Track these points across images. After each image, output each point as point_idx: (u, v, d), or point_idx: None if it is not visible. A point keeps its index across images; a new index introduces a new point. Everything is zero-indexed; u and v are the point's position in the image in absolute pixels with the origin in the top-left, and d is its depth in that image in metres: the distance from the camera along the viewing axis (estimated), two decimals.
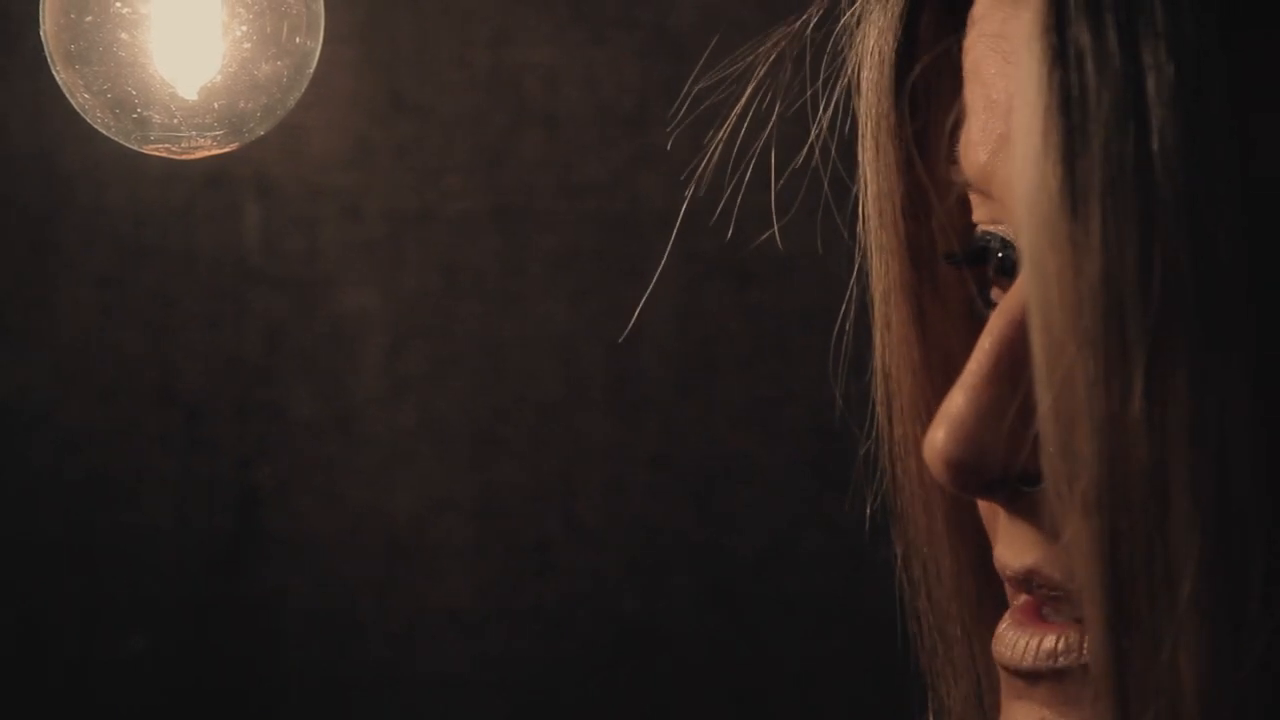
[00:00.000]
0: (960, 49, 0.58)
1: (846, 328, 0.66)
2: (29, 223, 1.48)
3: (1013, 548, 0.55)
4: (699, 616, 1.49)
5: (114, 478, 1.49)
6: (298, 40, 1.03)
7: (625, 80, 1.48)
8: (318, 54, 1.05)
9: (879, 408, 0.62)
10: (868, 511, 0.66)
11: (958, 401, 0.53)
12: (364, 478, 1.49)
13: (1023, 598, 0.56)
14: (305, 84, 1.04)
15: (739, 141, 0.65)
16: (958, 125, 0.57)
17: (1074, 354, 0.48)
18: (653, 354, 1.49)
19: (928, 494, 0.61)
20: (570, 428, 1.49)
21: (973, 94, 0.56)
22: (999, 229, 0.56)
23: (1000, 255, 0.56)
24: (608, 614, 1.49)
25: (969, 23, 0.57)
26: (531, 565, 1.50)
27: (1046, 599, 0.55)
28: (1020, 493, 0.54)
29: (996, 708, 0.61)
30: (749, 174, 0.69)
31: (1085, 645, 0.54)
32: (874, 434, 0.63)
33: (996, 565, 0.56)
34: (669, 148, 0.73)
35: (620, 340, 1.42)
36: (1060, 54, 0.48)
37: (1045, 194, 0.48)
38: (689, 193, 0.67)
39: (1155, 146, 0.47)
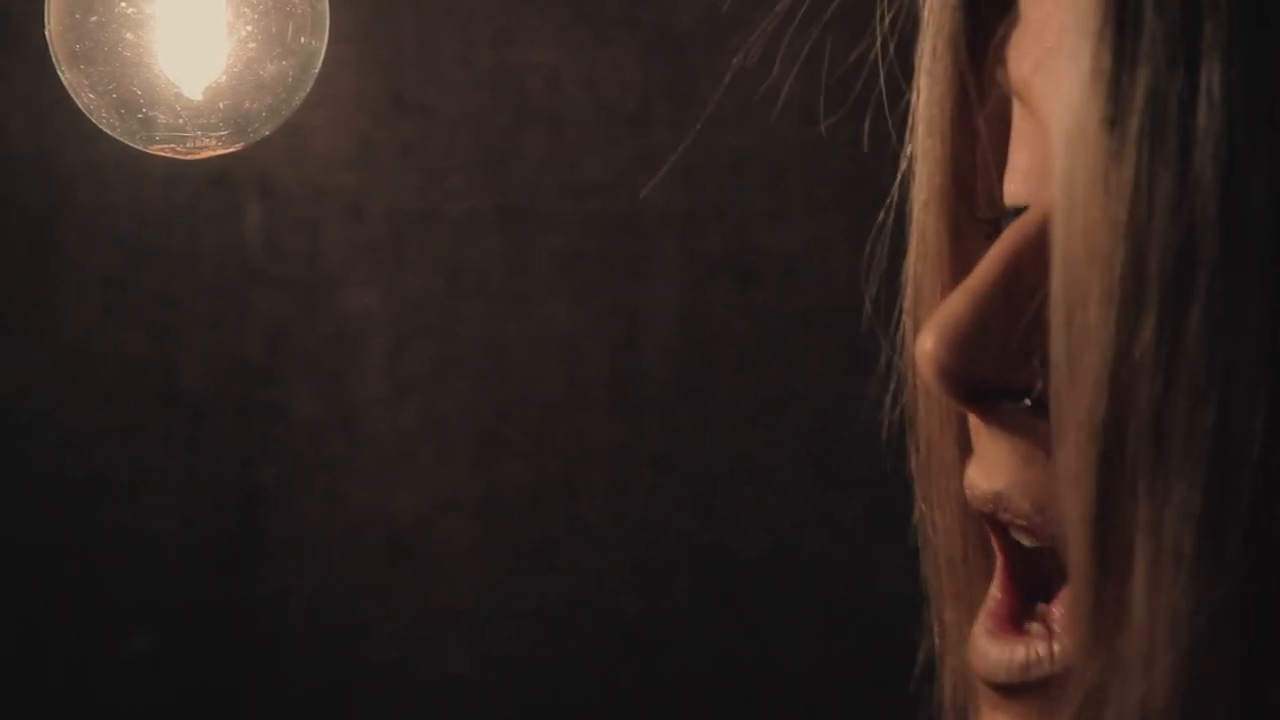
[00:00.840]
0: None
1: (884, 233, 0.65)
2: (30, 223, 1.47)
3: (985, 468, 0.55)
4: (702, 617, 1.49)
5: (115, 478, 1.49)
6: (303, 40, 1.03)
7: (628, 80, 1.48)
8: (323, 54, 1.05)
9: (906, 313, 0.62)
10: (882, 431, 0.66)
11: (955, 304, 0.53)
12: (366, 478, 1.49)
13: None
14: (310, 84, 1.04)
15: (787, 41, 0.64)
16: (1009, 30, 0.56)
17: (1090, 280, 0.48)
18: (655, 355, 1.48)
19: (943, 405, 0.61)
20: (573, 428, 1.49)
21: (1028, 6, 0.56)
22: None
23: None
24: (610, 615, 1.49)
25: None
26: (534, 566, 1.49)
27: (1013, 527, 0.55)
28: (1006, 408, 0.54)
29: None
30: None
31: (1057, 654, 0.54)
32: (901, 341, 0.63)
33: (965, 487, 0.56)
34: (731, 74, 0.72)
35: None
36: None
37: (1085, 123, 0.48)
38: (726, 80, 0.67)
39: (1202, 92, 0.47)
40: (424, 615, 1.49)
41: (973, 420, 0.57)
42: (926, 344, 0.53)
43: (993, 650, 0.55)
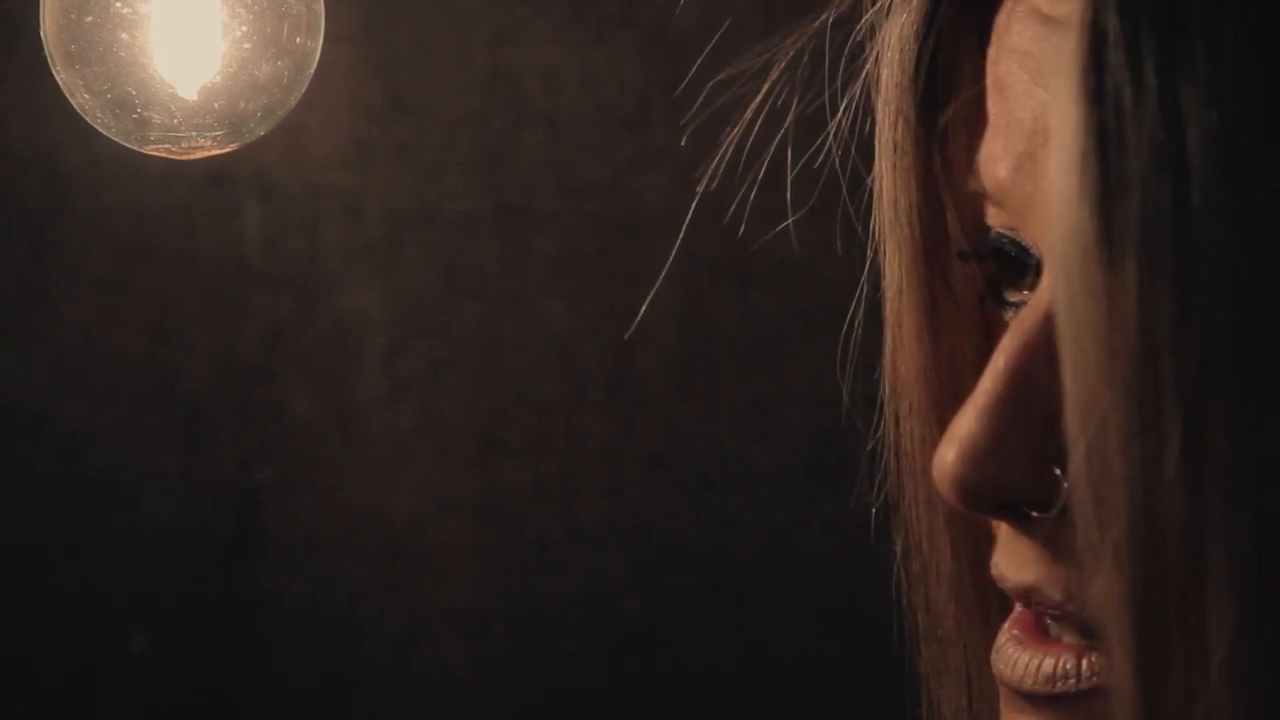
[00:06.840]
0: (981, 52, 0.56)
1: (856, 325, 0.65)
2: (29, 223, 1.48)
3: (1014, 562, 0.54)
4: (698, 617, 1.49)
5: (114, 478, 1.49)
6: (298, 40, 1.03)
7: (625, 80, 1.48)
8: (318, 54, 1.05)
9: (887, 404, 0.62)
10: (873, 511, 0.65)
11: (969, 421, 0.52)
12: (364, 478, 1.49)
13: (1020, 607, 0.56)
14: (305, 84, 1.04)
15: (752, 137, 0.64)
16: (977, 135, 0.56)
17: (1108, 403, 0.46)
18: (652, 355, 1.48)
19: (931, 493, 0.60)
20: (570, 428, 1.49)
21: (996, 109, 0.55)
22: (1013, 234, 0.55)
23: (1013, 256, 0.55)
24: (607, 614, 1.49)
25: (994, 30, 0.56)
26: (531, 566, 1.50)
27: (1046, 614, 0.54)
28: (1028, 515, 0.53)
29: (987, 714, 0.60)
30: (754, 173, 0.69)
31: (1085, 670, 0.53)
32: (880, 430, 0.63)
33: (994, 574, 0.56)
34: (683, 143, 0.72)
35: (624, 339, 1.42)
36: (1098, 96, 0.46)
37: (1081, 242, 0.47)
38: (699, 190, 0.67)
39: (1195, 198, 0.45)
40: (421, 615, 1.49)
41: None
42: (946, 461, 0.52)
43: (1021, 656, 0.54)
